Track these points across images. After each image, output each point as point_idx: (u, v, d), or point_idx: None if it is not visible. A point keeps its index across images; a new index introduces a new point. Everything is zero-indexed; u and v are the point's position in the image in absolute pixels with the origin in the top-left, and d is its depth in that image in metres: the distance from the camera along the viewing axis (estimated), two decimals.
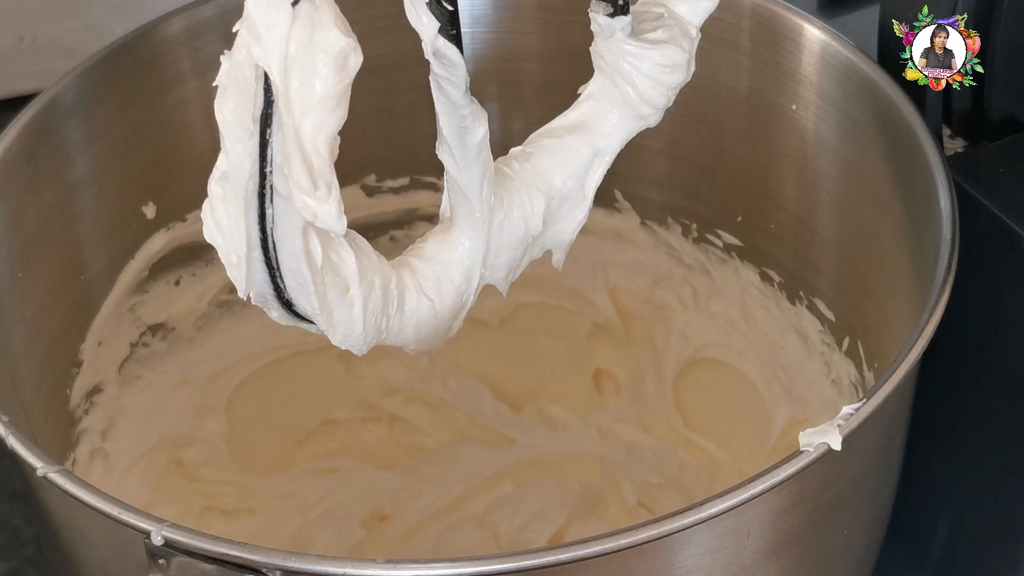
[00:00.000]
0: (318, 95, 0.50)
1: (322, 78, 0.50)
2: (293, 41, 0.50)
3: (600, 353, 0.91)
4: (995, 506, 0.77)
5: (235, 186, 0.52)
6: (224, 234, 0.53)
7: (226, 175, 0.52)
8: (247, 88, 0.51)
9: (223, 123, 0.52)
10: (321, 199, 0.51)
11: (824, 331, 0.81)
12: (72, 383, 0.78)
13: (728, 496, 0.55)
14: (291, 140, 0.51)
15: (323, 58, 0.50)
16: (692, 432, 0.88)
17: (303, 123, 0.51)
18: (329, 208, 0.51)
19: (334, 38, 0.50)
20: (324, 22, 0.50)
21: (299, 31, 0.50)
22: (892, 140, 0.71)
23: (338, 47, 0.50)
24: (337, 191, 0.51)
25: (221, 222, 0.53)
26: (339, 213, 0.52)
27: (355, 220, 0.86)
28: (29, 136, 0.73)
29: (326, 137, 0.51)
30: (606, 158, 0.62)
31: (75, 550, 0.65)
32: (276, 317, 0.56)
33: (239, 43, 0.51)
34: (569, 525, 0.83)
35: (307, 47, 0.50)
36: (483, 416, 0.90)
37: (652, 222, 0.87)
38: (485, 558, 0.54)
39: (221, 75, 0.52)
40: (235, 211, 0.53)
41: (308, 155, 0.51)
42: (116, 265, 0.81)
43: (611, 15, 0.60)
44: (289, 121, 0.50)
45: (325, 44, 0.50)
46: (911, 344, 0.61)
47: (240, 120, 0.51)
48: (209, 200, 0.54)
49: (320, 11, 0.50)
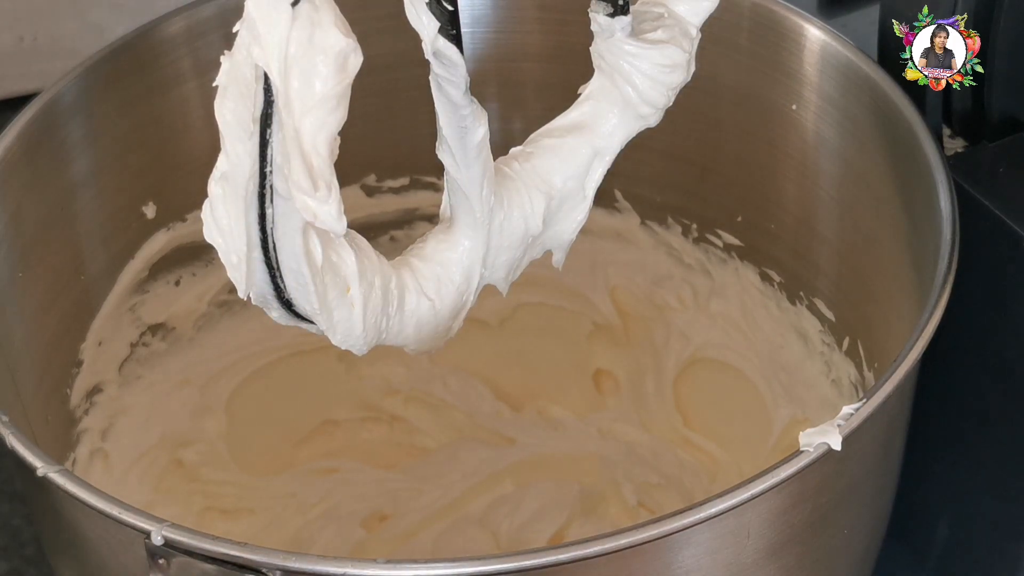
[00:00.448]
0: (318, 95, 0.50)
1: (322, 78, 0.50)
2: (293, 41, 0.50)
3: (600, 353, 0.91)
4: (995, 506, 0.77)
5: (235, 186, 0.52)
6: (224, 234, 0.53)
7: (226, 175, 0.52)
8: (247, 88, 0.51)
9: (223, 123, 0.52)
10: (321, 199, 0.51)
11: (824, 331, 0.81)
12: (72, 383, 0.78)
13: (728, 496, 0.55)
14: (291, 140, 0.51)
15: (323, 59, 0.50)
16: (692, 432, 0.88)
17: (303, 123, 0.51)
18: (329, 209, 0.51)
19: (334, 38, 0.50)
20: (324, 22, 0.50)
21: (299, 31, 0.50)
22: (892, 140, 0.71)
23: (338, 47, 0.50)
24: (337, 191, 0.51)
25: (221, 222, 0.53)
26: (339, 213, 0.52)
27: (355, 220, 0.86)
28: (29, 136, 0.73)
29: (326, 137, 0.51)
30: (606, 158, 0.62)
31: (75, 550, 0.65)
32: (276, 317, 0.56)
33: (239, 43, 0.51)
34: (569, 525, 0.83)
35: (307, 47, 0.50)
36: (483, 416, 0.90)
37: (652, 222, 0.87)
38: (485, 558, 0.54)
39: (221, 75, 0.52)
40: (235, 211, 0.53)
41: (308, 155, 0.51)
42: (116, 265, 0.81)
43: (611, 15, 0.60)
44: (289, 121, 0.50)
45: (325, 44, 0.50)
46: (911, 344, 0.61)
47: (240, 120, 0.51)
48: (209, 200, 0.54)
49: (320, 12, 0.50)
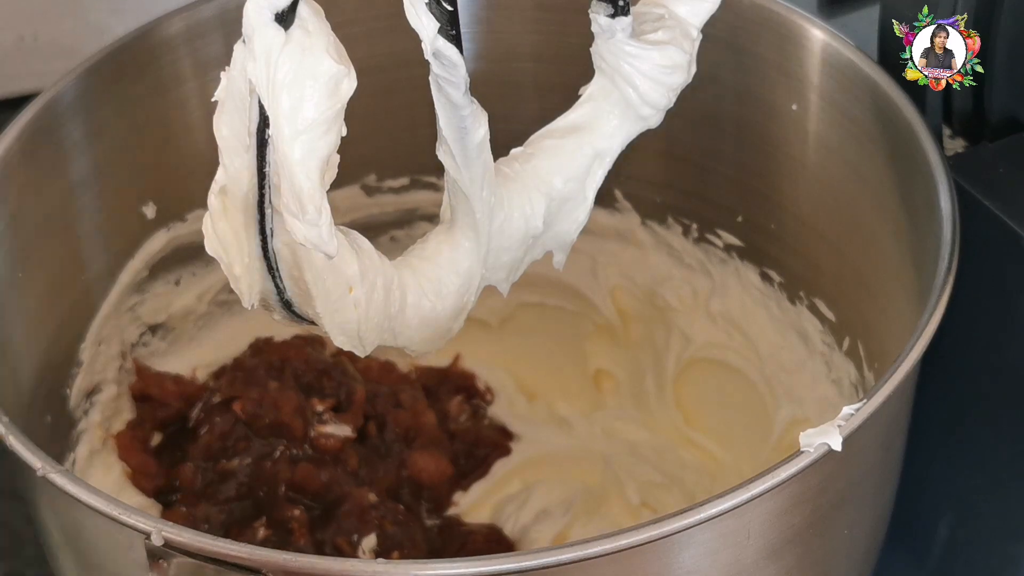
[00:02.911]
0: (308, 120, 0.51)
1: (313, 103, 0.51)
2: (283, 65, 0.50)
3: (600, 353, 0.91)
4: (995, 506, 0.77)
5: (234, 199, 0.52)
6: (226, 247, 0.54)
7: (225, 188, 0.53)
8: (242, 102, 0.51)
9: (220, 137, 0.52)
10: (310, 222, 0.51)
11: (824, 331, 0.81)
12: (72, 383, 0.78)
13: (728, 496, 0.55)
14: (280, 163, 0.51)
15: (312, 83, 0.50)
16: (693, 432, 0.88)
17: (293, 147, 0.51)
18: (319, 231, 0.51)
19: (326, 65, 0.51)
20: (315, 48, 0.50)
21: (289, 56, 0.50)
22: (892, 140, 0.71)
23: (329, 74, 0.51)
24: (328, 214, 0.51)
25: (222, 235, 0.54)
26: (330, 236, 0.52)
27: (355, 220, 0.87)
28: (29, 136, 0.73)
29: (316, 162, 0.51)
30: (607, 159, 0.62)
31: (75, 550, 0.65)
32: (279, 319, 0.56)
33: (235, 58, 0.51)
34: (573, 524, 0.83)
35: (297, 72, 0.50)
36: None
37: (652, 222, 0.87)
38: (485, 558, 0.54)
39: (219, 91, 0.52)
40: (235, 223, 0.53)
41: (297, 178, 0.51)
42: (116, 265, 0.81)
43: (612, 16, 0.60)
44: (279, 145, 0.51)
45: (316, 70, 0.51)
46: (911, 344, 0.61)
47: (237, 134, 0.51)
48: (209, 214, 0.54)
49: (312, 37, 0.51)
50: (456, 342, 0.64)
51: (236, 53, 0.51)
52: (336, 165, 0.53)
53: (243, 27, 0.50)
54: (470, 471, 0.85)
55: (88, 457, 0.79)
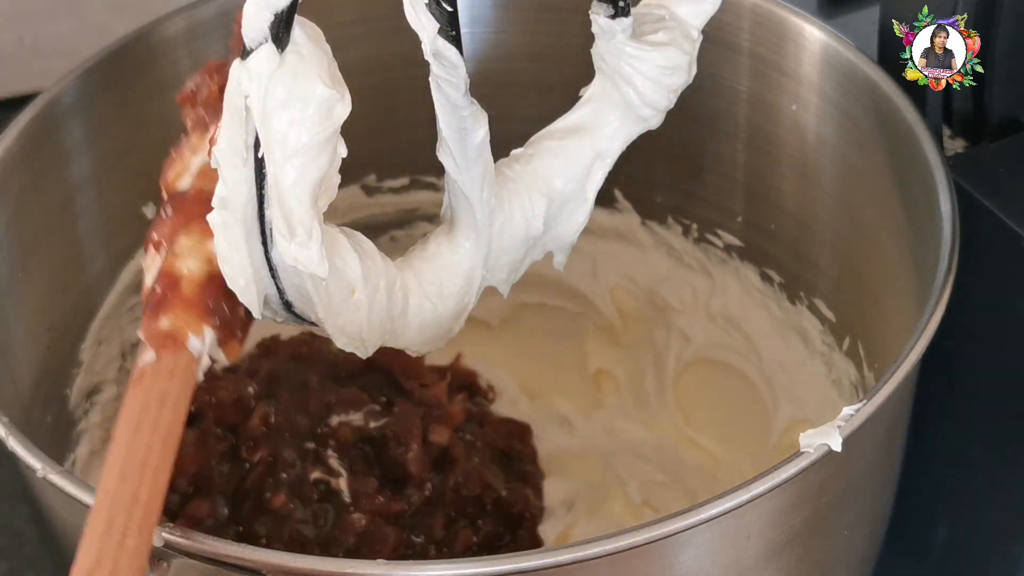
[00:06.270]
0: (300, 144, 0.51)
1: (305, 127, 0.51)
2: (276, 88, 0.50)
3: (600, 353, 0.91)
4: (995, 506, 0.77)
5: (234, 212, 0.53)
6: (228, 260, 0.54)
7: (224, 201, 0.53)
8: (239, 115, 0.51)
9: (218, 151, 0.52)
10: (301, 244, 0.51)
11: (824, 331, 0.81)
12: (72, 383, 0.78)
13: (728, 497, 0.55)
14: (272, 185, 0.51)
15: (303, 107, 0.51)
16: (693, 432, 0.88)
17: (284, 170, 0.51)
18: (310, 254, 0.52)
19: (318, 90, 0.51)
20: (308, 72, 0.51)
21: (282, 80, 0.50)
22: (892, 140, 0.71)
23: (321, 98, 0.51)
24: (319, 236, 0.52)
25: (224, 248, 0.54)
26: (320, 258, 0.52)
27: (355, 220, 0.87)
28: (29, 136, 0.73)
29: (308, 186, 0.51)
30: (607, 160, 0.62)
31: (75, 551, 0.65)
32: (281, 320, 0.56)
33: (232, 73, 0.51)
34: (575, 523, 0.83)
35: (289, 96, 0.51)
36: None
37: (652, 222, 0.87)
38: (485, 558, 0.54)
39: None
40: (236, 236, 0.53)
41: (287, 201, 0.51)
42: (116, 265, 0.81)
43: (612, 17, 0.60)
44: (271, 168, 0.51)
45: (308, 95, 0.51)
46: (911, 344, 0.61)
47: (234, 147, 0.52)
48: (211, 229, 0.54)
49: (305, 61, 0.51)
50: (457, 342, 0.64)
51: (232, 71, 0.51)
52: (335, 187, 0.53)
53: (243, 34, 0.50)
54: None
55: (89, 457, 0.79)
